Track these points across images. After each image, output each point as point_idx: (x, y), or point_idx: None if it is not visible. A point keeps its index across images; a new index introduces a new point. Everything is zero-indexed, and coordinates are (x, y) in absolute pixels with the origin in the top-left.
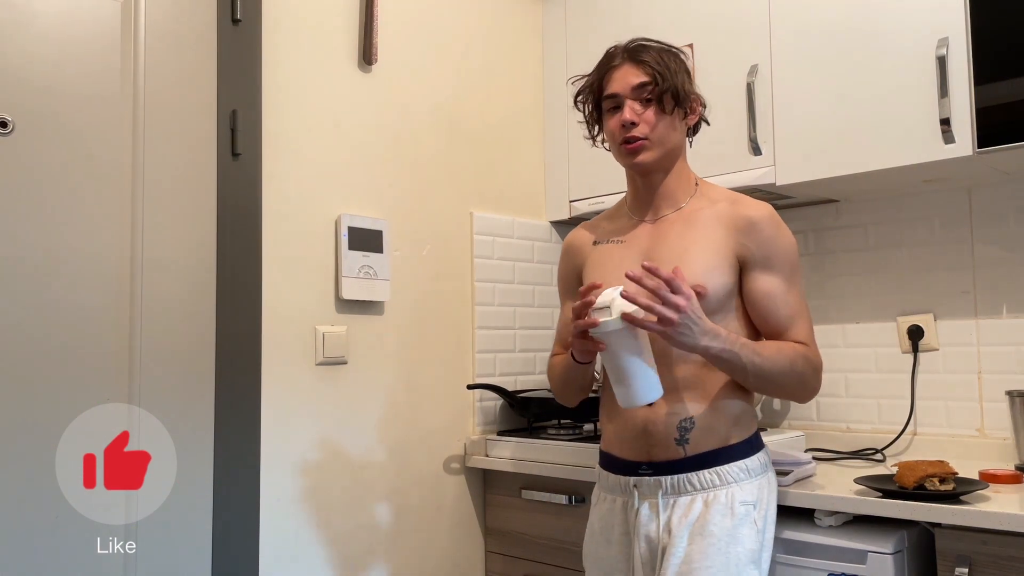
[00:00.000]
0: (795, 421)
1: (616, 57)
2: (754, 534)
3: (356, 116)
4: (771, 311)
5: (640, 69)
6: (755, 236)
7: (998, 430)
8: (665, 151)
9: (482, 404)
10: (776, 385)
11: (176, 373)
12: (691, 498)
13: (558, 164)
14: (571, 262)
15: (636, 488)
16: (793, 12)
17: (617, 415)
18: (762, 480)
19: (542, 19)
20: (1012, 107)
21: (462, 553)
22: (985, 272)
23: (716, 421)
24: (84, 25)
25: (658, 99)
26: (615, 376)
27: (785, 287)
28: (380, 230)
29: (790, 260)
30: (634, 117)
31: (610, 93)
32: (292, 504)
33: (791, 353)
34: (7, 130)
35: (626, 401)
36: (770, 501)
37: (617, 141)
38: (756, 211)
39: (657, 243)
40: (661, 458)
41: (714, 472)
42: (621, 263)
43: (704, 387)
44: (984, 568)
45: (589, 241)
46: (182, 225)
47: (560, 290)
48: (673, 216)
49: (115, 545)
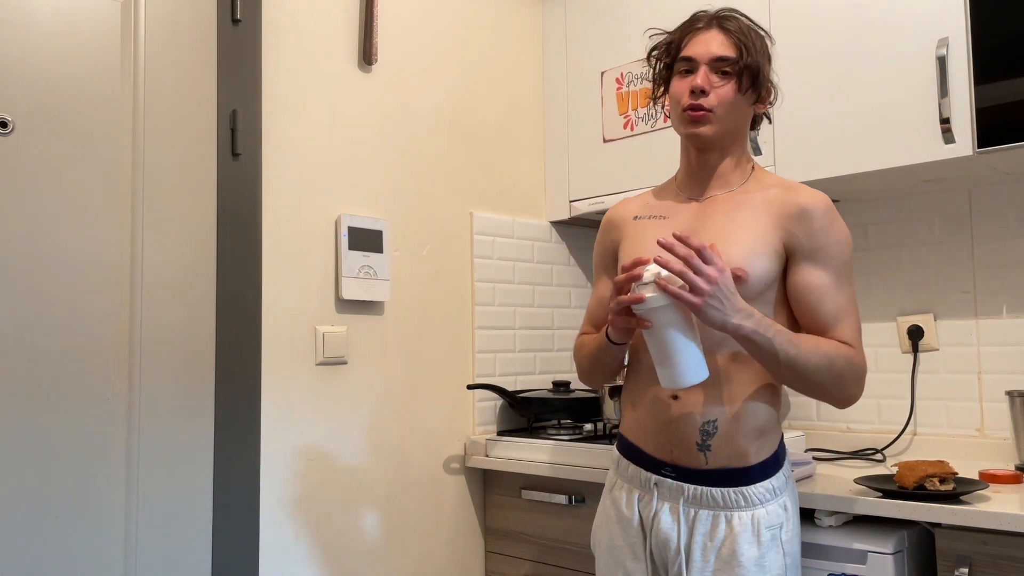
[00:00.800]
0: (795, 421)
1: (701, 20)
2: (780, 558)
3: (356, 116)
4: (816, 307)
5: (727, 38)
6: (806, 225)
7: (998, 430)
8: (727, 129)
9: (482, 404)
10: (810, 382)
11: (176, 373)
12: (713, 515)
13: (558, 164)
14: (608, 237)
15: (656, 487)
16: (793, 12)
17: (642, 403)
18: (787, 496)
19: (542, 19)
20: (1012, 107)
21: (462, 553)
22: (985, 272)
23: (739, 432)
24: (84, 25)
25: (738, 75)
26: (660, 355)
27: (834, 283)
28: (380, 230)
29: (842, 255)
30: (706, 85)
31: (687, 55)
32: (292, 504)
33: (832, 351)
34: (7, 130)
35: (671, 381)
36: (794, 512)
37: (682, 106)
38: (810, 199)
39: (701, 222)
40: (683, 463)
41: (739, 493)
42: (656, 239)
43: (731, 386)
44: (984, 568)
45: (630, 216)
46: (182, 225)
47: (596, 266)
48: (722, 197)
49: (115, 545)
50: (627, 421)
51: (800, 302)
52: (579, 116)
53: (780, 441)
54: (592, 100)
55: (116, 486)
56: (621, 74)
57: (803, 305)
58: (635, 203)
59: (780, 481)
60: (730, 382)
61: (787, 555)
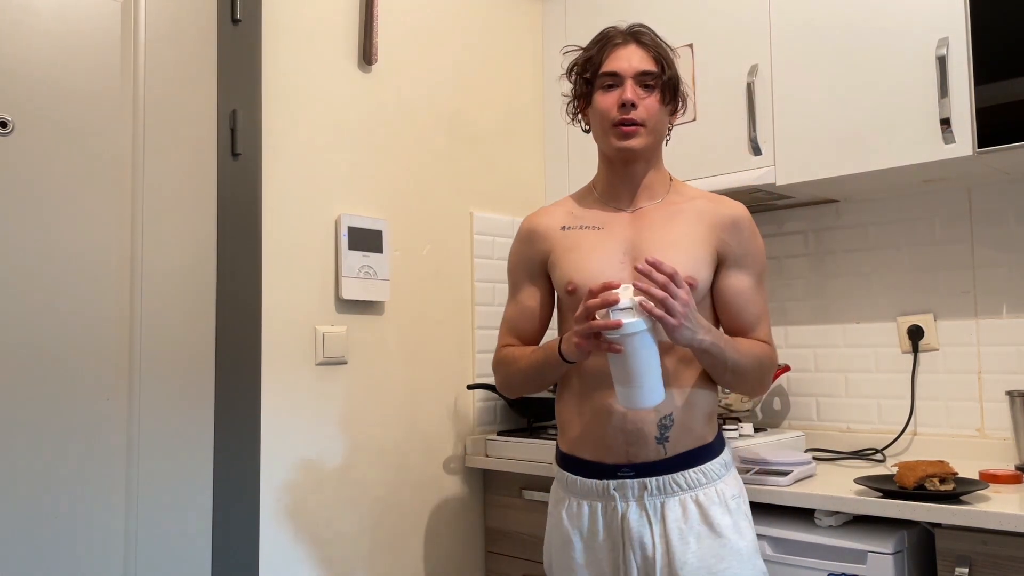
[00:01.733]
0: (795, 421)
1: (618, 37)
2: (748, 525)
3: (356, 116)
4: (741, 308)
5: (647, 54)
6: (737, 235)
7: (998, 430)
8: (654, 141)
9: (482, 404)
10: (744, 380)
11: (176, 373)
12: (679, 499)
13: (558, 164)
14: (534, 247)
15: (617, 491)
16: (793, 12)
17: (586, 413)
18: (734, 469)
19: (542, 18)
20: (1012, 107)
21: (462, 553)
22: (985, 272)
23: (692, 419)
24: (84, 25)
25: (661, 88)
26: (624, 377)
27: (755, 286)
28: (380, 230)
29: (762, 261)
30: (635, 98)
31: (611, 71)
32: (292, 504)
33: (759, 351)
34: (7, 130)
35: (633, 402)
36: (744, 490)
37: (611, 121)
38: (738, 211)
39: (640, 233)
40: (641, 459)
41: (699, 471)
42: (601, 250)
43: (680, 383)
44: (984, 568)
45: (556, 225)
46: (182, 225)
47: (516, 275)
48: (652, 207)
49: (115, 545)
50: (569, 435)
51: (727, 304)
52: None
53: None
54: None
55: (116, 486)
56: None
57: (730, 307)
58: (557, 213)
59: (728, 458)
60: (678, 380)
61: (750, 524)
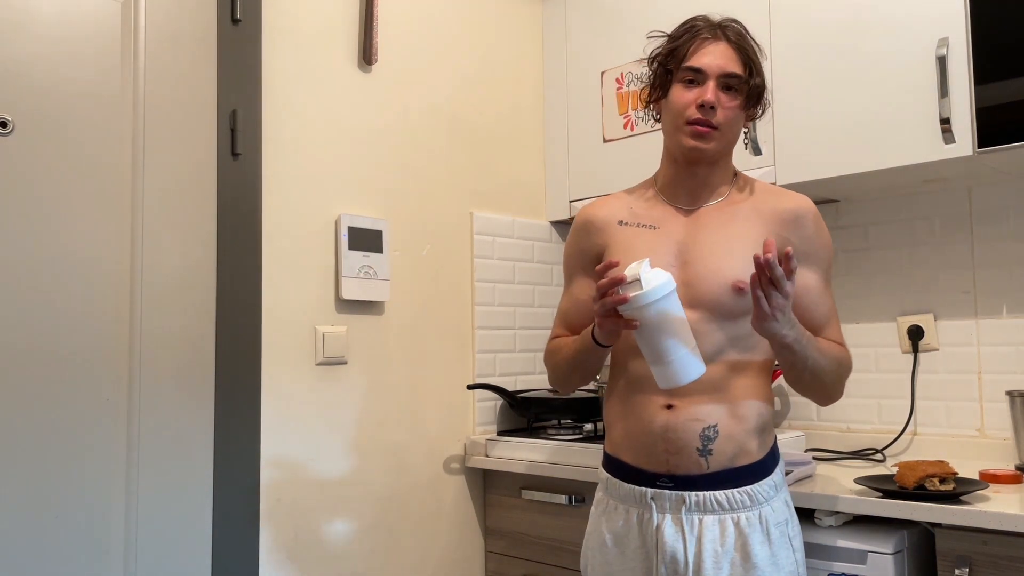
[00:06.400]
0: (795, 421)
1: (706, 30)
2: (790, 555)
3: (356, 116)
4: (809, 307)
5: (736, 54)
6: (800, 230)
7: (998, 430)
8: (726, 145)
9: (482, 404)
10: (821, 383)
11: (176, 373)
12: (719, 519)
13: (558, 164)
14: (591, 240)
15: (654, 501)
16: (793, 12)
17: (631, 415)
18: (786, 492)
19: (542, 19)
20: (1012, 107)
21: (462, 553)
22: (985, 272)
23: (739, 432)
24: (84, 25)
25: (746, 94)
26: (652, 355)
27: (823, 284)
28: (380, 230)
29: (829, 258)
30: (716, 102)
31: (696, 66)
32: (292, 504)
33: (838, 353)
34: (7, 130)
35: (668, 380)
36: (794, 510)
37: (686, 118)
38: (801, 204)
39: (696, 234)
40: (682, 471)
41: (744, 492)
42: (653, 250)
43: (729, 390)
44: (984, 568)
45: (614, 220)
46: (182, 225)
47: (571, 267)
48: (711, 207)
49: (115, 546)
50: (614, 437)
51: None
52: (579, 116)
53: (775, 439)
54: (592, 100)
55: (116, 487)
56: (621, 74)
57: (796, 306)
58: (616, 205)
59: (780, 477)
60: (728, 387)
61: (796, 551)
